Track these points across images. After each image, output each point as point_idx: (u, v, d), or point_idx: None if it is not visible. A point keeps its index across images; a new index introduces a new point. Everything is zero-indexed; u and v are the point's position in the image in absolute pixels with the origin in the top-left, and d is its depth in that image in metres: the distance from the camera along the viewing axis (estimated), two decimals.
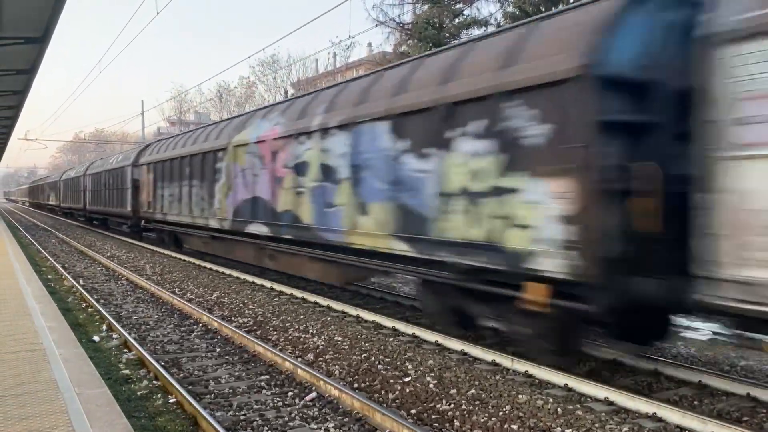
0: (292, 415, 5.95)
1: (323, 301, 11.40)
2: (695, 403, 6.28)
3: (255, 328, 9.76)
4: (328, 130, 10.61)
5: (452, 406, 6.08)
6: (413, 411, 6.06)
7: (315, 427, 5.64)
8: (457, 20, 23.30)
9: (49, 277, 15.98)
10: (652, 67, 6.17)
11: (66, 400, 5.36)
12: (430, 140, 8.19)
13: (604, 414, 5.78)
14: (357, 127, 9.82)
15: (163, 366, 7.36)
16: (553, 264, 6.40)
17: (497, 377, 6.90)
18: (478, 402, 6.14)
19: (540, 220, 6.57)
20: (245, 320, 10.27)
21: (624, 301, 6.08)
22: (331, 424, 5.68)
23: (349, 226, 10.00)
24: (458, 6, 23.48)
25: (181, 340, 9.05)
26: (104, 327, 9.95)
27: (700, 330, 9.45)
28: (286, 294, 12.50)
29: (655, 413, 5.72)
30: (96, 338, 9.21)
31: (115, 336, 9.30)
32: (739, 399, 6.33)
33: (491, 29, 21.10)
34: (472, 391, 6.44)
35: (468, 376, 6.88)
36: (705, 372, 6.93)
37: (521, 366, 7.19)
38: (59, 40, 32.87)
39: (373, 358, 7.71)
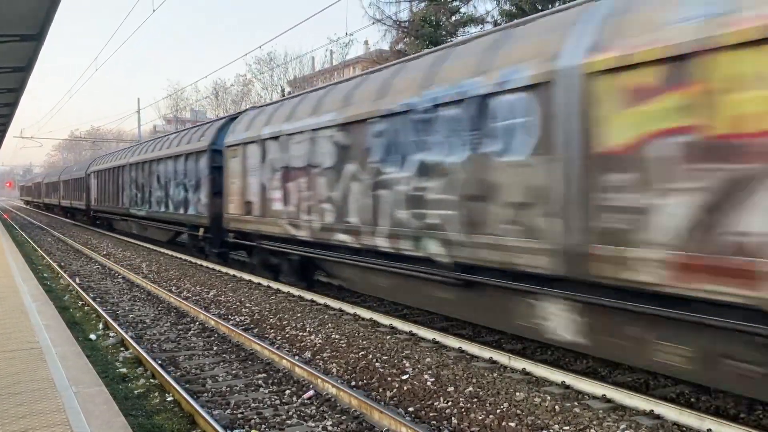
0: (290, 413, 5.95)
1: (320, 299, 11.40)
2: (692, 400, 6.30)
3: (252, 326, 9.75)
4: None
5: (450, 403, 6.08)
6: (411, 409, 6.06)
7: (313, 425, 5.64)
8: (453, 18, 23.31)
9: (46, 275, 15.94)
10: None
11: (63, 398, 5.35)
12: None
13: (601, 411, 5.79)
14: None
15: (160, 364, 7.35)
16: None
17: (495, 375, 6.91)
18: (475, 399, 6.15)
19: None
20: (242, 318, 10.26)
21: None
22: (329, 422, 5.68)
23: None
24: (455, 4, 23.49)
25: (178, 339, 9.03)
26: (101, 325, 9.94)
27: None
28: (283, 292, 12.50)
29: (653, 410, 5.73)
30: (93, 336, 9.20)
31: (111, 334, 9.29)
32: (737, 396, 6.34)
33: (488, 27, 21.10)
34: (470, 388, 6.45)
35: (465, 374, 6.89)
36: None
37: (519, 363, 7.20)
38: (55, 38, 32.55)
39: (370, 356, 7.72)
